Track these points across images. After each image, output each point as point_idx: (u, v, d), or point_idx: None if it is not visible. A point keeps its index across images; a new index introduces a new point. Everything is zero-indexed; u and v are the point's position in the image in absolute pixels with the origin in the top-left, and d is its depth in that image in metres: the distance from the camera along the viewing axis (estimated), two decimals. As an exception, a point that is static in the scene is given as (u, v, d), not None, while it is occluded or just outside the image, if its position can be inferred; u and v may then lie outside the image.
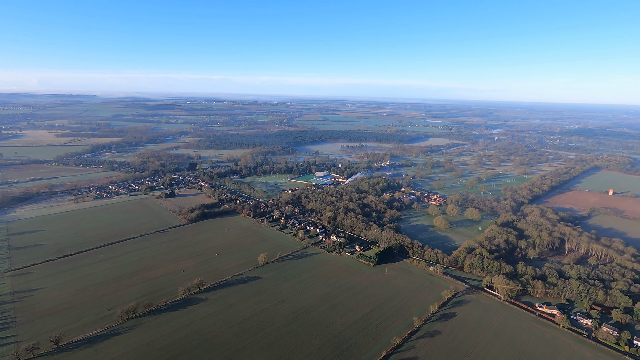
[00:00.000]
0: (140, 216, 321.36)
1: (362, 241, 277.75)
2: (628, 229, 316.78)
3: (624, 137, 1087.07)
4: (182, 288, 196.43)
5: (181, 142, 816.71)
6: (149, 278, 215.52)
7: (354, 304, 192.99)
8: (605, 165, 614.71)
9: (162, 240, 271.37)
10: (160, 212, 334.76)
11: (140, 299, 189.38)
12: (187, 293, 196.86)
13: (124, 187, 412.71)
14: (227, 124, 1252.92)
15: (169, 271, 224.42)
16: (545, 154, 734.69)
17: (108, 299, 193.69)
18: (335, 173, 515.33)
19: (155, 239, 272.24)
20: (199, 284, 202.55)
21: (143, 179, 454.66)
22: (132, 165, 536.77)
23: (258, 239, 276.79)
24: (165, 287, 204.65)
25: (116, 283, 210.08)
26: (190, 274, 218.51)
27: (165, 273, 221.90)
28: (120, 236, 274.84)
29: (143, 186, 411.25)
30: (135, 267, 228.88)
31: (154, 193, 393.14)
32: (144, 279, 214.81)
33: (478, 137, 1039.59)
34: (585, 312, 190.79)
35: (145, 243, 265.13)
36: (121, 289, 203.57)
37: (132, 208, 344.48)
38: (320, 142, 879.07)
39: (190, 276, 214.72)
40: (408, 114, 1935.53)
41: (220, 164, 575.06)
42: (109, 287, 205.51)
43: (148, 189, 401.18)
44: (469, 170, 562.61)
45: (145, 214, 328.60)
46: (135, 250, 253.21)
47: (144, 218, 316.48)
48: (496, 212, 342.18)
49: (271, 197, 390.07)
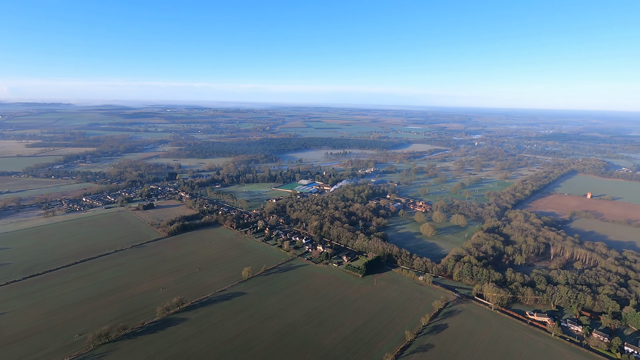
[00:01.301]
0: (116, 230, 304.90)
1: (349, 251, 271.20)
2: (608, 231, 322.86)
3: (595, 141, 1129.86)
4: (160, 308, 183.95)
5: (160, 151, 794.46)
6: (125, 298, 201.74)
7: (344, 318, 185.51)
8: (582, 169, 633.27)
9: (139, 255, 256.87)
10: (138, 225, 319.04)
11: (114, 322, 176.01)
12: (166, 313, 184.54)
13: (98, 200, 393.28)
14: (208, 132, 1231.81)
15: (146, 289, 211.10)
16: (524, 159, 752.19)
17: (79, 323, 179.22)
18: (319, 181, 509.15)
19: (132, 255, 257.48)
20: (179, 302, 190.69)
21: (120, 191, 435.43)
22: (108, 176, 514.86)
23: (242, 252, 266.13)
24: (143, 307, 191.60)
25: (88, 304, 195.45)
26: (170, 292, 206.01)
27: (142, 291, 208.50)
28: (94, 252, 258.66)
29: (119, 198, 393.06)
30: (110, 286, 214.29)
31: (131, 205, 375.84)
32: (119, 298, 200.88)
33: (459, 143, 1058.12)
34: (575, 319, 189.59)
35: (121, 259, 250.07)
36: (94, 311, 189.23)
37: (108, 221, 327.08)
38: (303, 150, 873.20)
39: (169, 294, 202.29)
40: (390, 120, 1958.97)
41: (202, 173, 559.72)
42: (81, 309, 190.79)
43: (125, 201, 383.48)
44: (452, 176, 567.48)
45: (121, 227, 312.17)
46: (110, 267, 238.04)
47: (120, 232, 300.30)
48: (481, 217, 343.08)
49: (255, 206, 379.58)
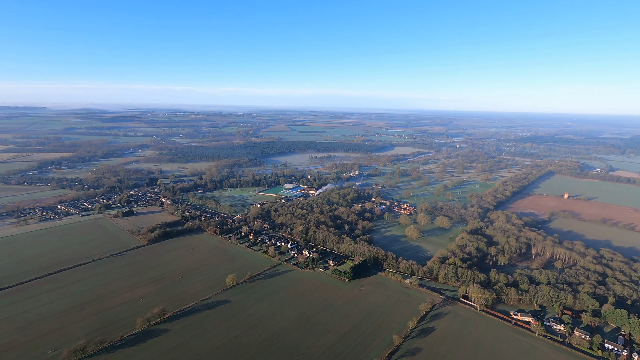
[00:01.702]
0: (93, 239, 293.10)
1: (335, 255, 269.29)
2: (585, 231, 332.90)
3: (570, 143, 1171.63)
4: (140, 319, 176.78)
5: (140, 155, 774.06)
6: (103, 309, 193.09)
7: (331, 324, 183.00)
8: (558, 170, 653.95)
9: (118, 264, 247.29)
10: (117, 233, 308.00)
11: (91, 335, 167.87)
12: (147, 324, 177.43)
13: (75, 207, 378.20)
14: (190, 135, 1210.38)
15: (126, 300, 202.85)
16: (503, 161, 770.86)
17: (53, 338, 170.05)
18: (304, 184, 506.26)
19: (111, 264, 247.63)
20: (160, 313, 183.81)
21: (97, 197, 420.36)
22: (85, 182, 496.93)
23: (226, 259, 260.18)
24: (122, 319, 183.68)
25: (63, 318, 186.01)
26: (151, 302, 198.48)
27: (121, 302, 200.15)
28: (70, 262, 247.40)
29: (97, 205, 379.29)
30: (87, 297, 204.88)
31: (109, 212, 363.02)
32: (96, 310, 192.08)
33: (441, 146, 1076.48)
34: (557, 318, 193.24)
35: (98, 269, 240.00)
36: (69, 325, 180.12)
37: (84, 230, 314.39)
38: (288, 153, 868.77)
39: (150, 304, 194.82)
40: (373, 123, 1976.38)
41: (184, 178, 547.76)
42: (55, 323, 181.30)
43: (103, 208, 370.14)
44: (435, 178, 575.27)
45: (99, 235, 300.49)
46: (86, 278, 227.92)
47: (97, 240, 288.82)
48: (465, 219, 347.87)
49: (239, 212, 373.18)
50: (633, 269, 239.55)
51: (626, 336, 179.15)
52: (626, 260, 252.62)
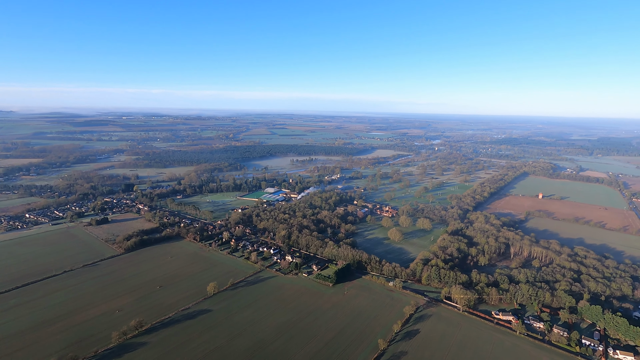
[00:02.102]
0: (64, 249, 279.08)
1: (319, 259, 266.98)
2: (560, 229, 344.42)
3: (542, 144, 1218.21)
4: (116, 332, 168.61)
5: (116, 161, 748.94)
6: (76, 323, 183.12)
7: (316, 330, 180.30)
8: (532, 171, 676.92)
9: (92, 275, 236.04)
10: (90, 242, 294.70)
11: (62, 352, 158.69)
12: (123, 338, 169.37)
13: (44, 215, 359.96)
14: (168, 140, 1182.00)
15: (100, 313, 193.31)
16: (481, 162, 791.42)
17: (21, 356, 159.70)
18: (286, 188, 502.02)
19: (84, 275, 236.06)
20: (138, 325, 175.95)
21: (69, 205, 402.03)
22: (56, 189, 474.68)
23: (206, 266, 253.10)
24: (96, 333, 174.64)
25: (32, 334, 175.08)
26: (127, 314, 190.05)
27: (95, 315, 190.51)
28: (39, 275, 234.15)
29: (69, 213, 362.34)
30: (58, 311, 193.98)
31: (82, 220, 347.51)
32: (68, 325, 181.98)
33: (420, 148, 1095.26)
34: (537, 316, 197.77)
35: (70, 281, 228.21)
36: (39, 341, 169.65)
37: (55, 239, 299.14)
38: (269, 157, 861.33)
39: (127, 316, 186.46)
40: (354, 127, 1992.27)
41: (161, 183, 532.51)
42: (23, 340, 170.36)
43: (75, 216, 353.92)
44: (415, 180, 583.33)
45: (71, 245, 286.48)
46: (57, 290, 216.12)
47: (69, 250, 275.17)
48: (445, 220, 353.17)
49: (219, 217, 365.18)
50: (605, 265, 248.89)
51: (601, 331, 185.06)
52: (598, 257, 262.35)
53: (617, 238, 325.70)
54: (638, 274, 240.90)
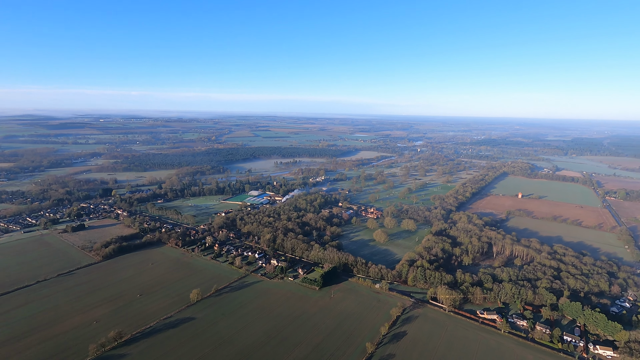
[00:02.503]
0: (38, 257, 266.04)
1: (304, 263, 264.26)
2: (539, 228, 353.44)
3: (520, 145, 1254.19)
4: (93, 345, 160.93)
5: (93, 164, 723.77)
6: (49, 337, 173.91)
7: (303, 335, 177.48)
8: (511, 171, 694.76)
9: (67, 285, 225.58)
10: (66, 249, 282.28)
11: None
12: (101, 350, 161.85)
13: (16, 223, 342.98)
14: (148, 142, 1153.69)
15: (76, 325, 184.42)
16: (462, 163, 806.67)
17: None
18: (270, 191, 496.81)
19: (58, 285, 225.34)
20: (117, 336, 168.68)
21: (43, 211, 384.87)
22: (29, 194, 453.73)
23: (189, 272, 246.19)
24: (71, 347, 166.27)
25: (2, 349, 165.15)
26: (106, 325, 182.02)
27: (71, 328, 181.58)
28: (9, 285, 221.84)
29: (42, 220, 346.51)
30: (30, 324, 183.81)
31: (57, 227, 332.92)
32: (41, 339, 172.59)
33: (403, 149, 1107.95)
34: (520, 314, 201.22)
35: (43, 291, 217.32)
36: (9, 357, 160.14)
37: (27, 248, 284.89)
38: (252, 160, 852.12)
39: (105, 328, 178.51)
40: (337, 128, 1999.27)
41: (141, 187, 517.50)
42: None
43: (49, 223, 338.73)
44: (399, 182, 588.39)
45: (44, 254, 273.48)
46: (29, 302, 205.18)
47: (43, 259, 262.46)
48: (429, 221, 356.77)
49: (202, 221, 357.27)
50: (583, 262, 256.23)
51: (581, 327, 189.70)
52: (576, 254, 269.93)
53: (593, 235, 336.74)
54: (614, 270, 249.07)
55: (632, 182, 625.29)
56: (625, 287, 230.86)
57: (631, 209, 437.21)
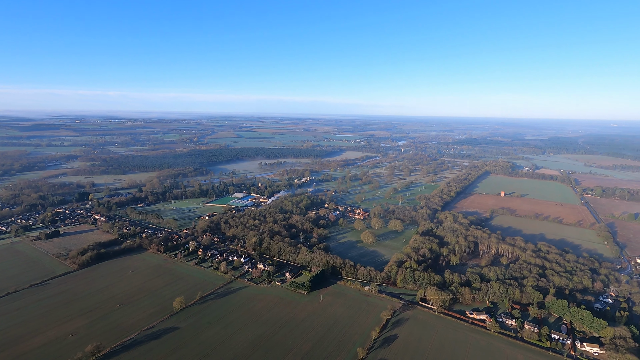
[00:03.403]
0: (8, 267, 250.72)
1: (292, 266, 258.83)
2: (522, 226, 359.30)
3: (500, 144, 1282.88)
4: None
5: (68, 168, 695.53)
6: (20, 354, 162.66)
7: (291, 342, 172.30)
8: (493, 169, 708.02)
9: (40, 296, 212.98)
10: (39, 258, 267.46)
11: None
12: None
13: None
14: (127, 144, 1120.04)
15: (50, 339, 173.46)
16: (445, 162, 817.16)
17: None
18: (255, 193, 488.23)
19: (31, 296, 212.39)
20: (95, 350, 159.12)
21: (14, 217, 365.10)
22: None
23: (172, 279, 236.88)
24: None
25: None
26: (83, 339, 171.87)
27: (44, 343, 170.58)
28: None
29: (13, 226, 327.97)
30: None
31: (29, 234, 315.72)
32: (12, 356, 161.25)
33: (387, 149, 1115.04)
34: (508, 313, 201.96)
35: (15, 304, 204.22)
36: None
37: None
38: (236, 161, 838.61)
39: (82, 341, 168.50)
40: (321, 129, 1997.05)
41: (120, 191, 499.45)
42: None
43: (21, 230, 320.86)
44: (384, 182, 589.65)
45: (15, 263, 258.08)
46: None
47: (13, 269, 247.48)
48: (416, 221, 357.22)
49: (185, 225, 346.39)
50: (566, 259, 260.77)
51: (568, 325, 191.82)
52: (560, 252, 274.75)
53: (573, 232, 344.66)
54: (595, 267, 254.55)
55: (607, 179, 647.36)
56: (607, 283, 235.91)
57: (607, 206, 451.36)
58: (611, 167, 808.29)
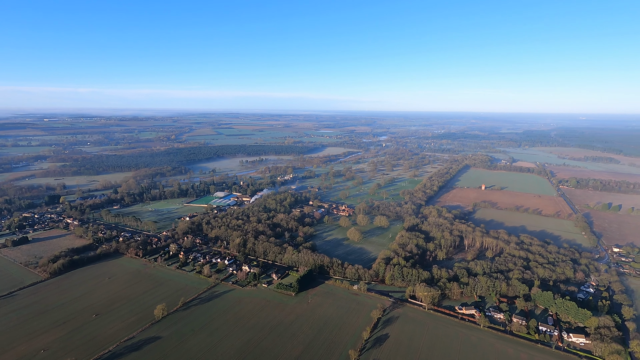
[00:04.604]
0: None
1: (278, 267, 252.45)
2: (504, 218, 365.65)
3: (478, 138, 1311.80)
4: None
5: (37, 169, 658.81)
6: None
7: (281, 347, 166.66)
8: (473, 163, 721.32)
9: (7, 309, 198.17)
10: (5, 267, 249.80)
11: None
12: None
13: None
14: (100, 143, 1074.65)
15: (20, 355, 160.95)
16: (426, 157, 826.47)
17: None
18: (237, 192, 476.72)
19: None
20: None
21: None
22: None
23: (152, 285, 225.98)
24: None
25: None
26: (56, 353, 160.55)
27: (14, 359, 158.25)
28: None
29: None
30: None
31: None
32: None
33: (369, 145, 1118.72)
34: (496, 306, 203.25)
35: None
36: None
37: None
38: (216, 159, 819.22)
39: (55, 357, 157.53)
40: (302, 125, 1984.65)
41: (94, 193, 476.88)
42: None
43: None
44: (367, 177, 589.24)
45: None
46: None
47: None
48: (401, 216, 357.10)
49: (165, 227, 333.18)
50: (548, 251, 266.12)
51: (554, 316, 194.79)
52: (542, 243, 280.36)
53: (552, 224, 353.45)
54: (576, 257, 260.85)
55: (580, 170, 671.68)
56: (587, 272, 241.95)
57: (582, 197, 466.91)
58: (583, 158, 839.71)
